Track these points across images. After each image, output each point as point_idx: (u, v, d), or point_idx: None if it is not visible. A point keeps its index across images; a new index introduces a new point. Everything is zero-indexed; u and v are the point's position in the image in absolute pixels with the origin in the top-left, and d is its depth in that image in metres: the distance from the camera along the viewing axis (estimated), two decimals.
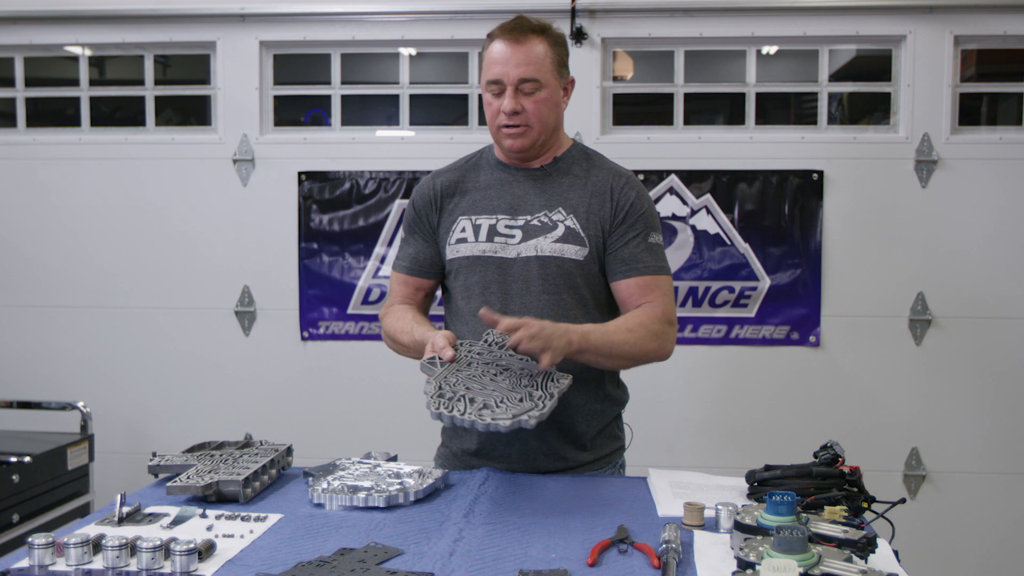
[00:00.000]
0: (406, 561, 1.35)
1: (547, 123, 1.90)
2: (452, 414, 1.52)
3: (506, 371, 1.68)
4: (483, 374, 1.67)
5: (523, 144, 1.90)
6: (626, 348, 1.81)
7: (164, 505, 1.59)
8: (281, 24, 3.39)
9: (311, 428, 3.33)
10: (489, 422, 1.51)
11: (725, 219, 3.30)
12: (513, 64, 1.85)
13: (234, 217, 3.44)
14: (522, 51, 1.86)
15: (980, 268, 3.26)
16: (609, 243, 1.92)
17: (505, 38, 1.87)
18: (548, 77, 1.88)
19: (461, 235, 1.95)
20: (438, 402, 1.55)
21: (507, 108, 1.86)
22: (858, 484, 1.56)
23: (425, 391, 1.61)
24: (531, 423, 1.53)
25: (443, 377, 1.63)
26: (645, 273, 1.89)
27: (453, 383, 1.62)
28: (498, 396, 1.59)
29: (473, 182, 1.99)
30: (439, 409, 1.53)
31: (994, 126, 3.37)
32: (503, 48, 1.87)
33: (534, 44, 1.87)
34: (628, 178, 1.96)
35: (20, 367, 3.51)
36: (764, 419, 3.33)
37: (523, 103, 1.86)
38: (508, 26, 1.89)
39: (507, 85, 1.86)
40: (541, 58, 1.86)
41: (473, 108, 3.41)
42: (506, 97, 1.86)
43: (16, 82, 3.55)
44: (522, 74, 1.85)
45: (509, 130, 1.88)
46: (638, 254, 1.90)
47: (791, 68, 3.51)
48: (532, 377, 1.68)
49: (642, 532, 1.47)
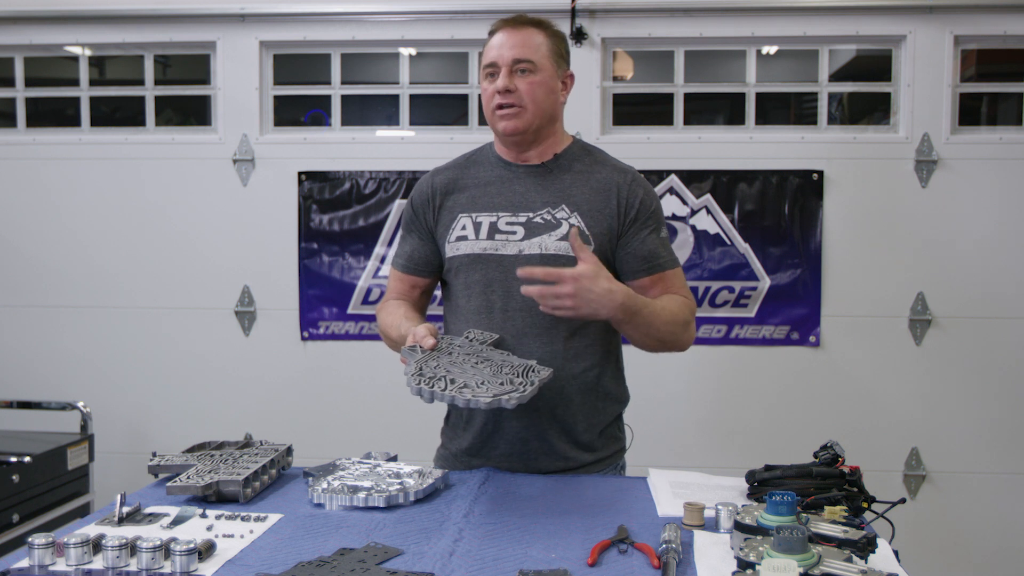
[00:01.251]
0: (406, 561, 1.35)
1: (541, 106, 1.90)
2: (432, 389, 1.52)
3: (487, 361, 1.70)
4: (464, 362, 1.67)
5: (516, 125, 1.89)
6: (664, 330, 1.85)
7: (164, 505, 1.59)
8: (281, 24, 3.39)
9: (311, 428, 3.33)
10: (469, 398, 1.51)
11: (725, 219, 3.30)
12: (508, 47, 1.88)
13: (234, 217, 3.44)
14: (518, 35, 1.89)
15: (980, 268, 3.26)
16: (622, 243, 1.92)
17: (503, 27, 1.92)
18: (543, 62, 1.90)
19: (461, 233, 1.94)
20: (418, 379, 1.55)
21: (499, 86, 1.87)
22: (858, 484, 1.56)
23: (405, 372, 1.61)
24: (511, 403, 1.52)
25: (424, 361, 1.64)
26: (666, 268, 1.93)
27: (434, 366, 1.62)
28: (479, 379, 1.59)
29: (473, 179, 1.99)
30: (419, 385, 1.53)
31: (994, 126, 3.37)
32: (500, 35, 1.91)
33: (531, 32, 1.90)
34: (633, 175, 1.96)
35: (20, 367, 3.51)
36: (764, 419, 3.33)
37: (516, 83, 1.88)
38: (507, 18, 1.94)
39: (501, 66, 1.88)
40: (537, 44, 1.90)
41: (473, 108, 3.41)
42: (500, 77, 1.88)
43: (16, 82, 3.55)
44: (516, 55, 1.87)
45: (502, 111, 1.89)
46: (655, 250, 1.92)
47: (791, 68, 3.51)
48: (513, 367, 1.69)
49: (642, 532, 1.47)
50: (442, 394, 1.52)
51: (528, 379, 1.63)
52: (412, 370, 1.59)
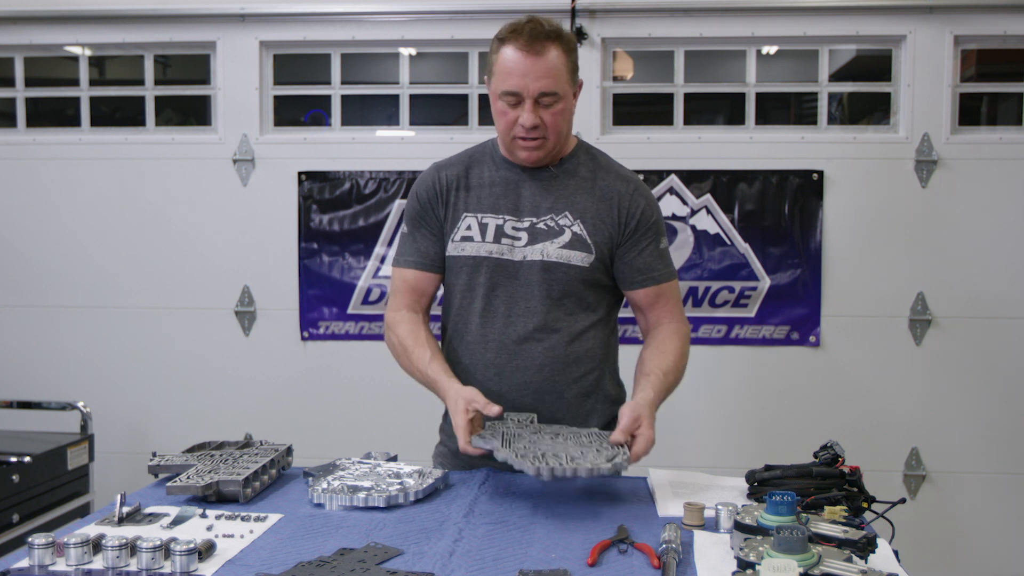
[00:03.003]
0: (406, 561, 1.35)
1: (562, 133, 1.89)
2: (552, 466, 1.52)
3: (555, 435, 1.72)
4: (540, 440, 1.69)
5: (540, 156, 1.88)
6: (675, 385, 1.94)
7: (164, 505, 1.59)
8: (281, 24, 3.39)
9: (311, 428, 3.33)
10: (591, 467, 1.52)
11: (725, 219, 3.30)
12: (533, 77, 1.78)
13: (234, 217, 3.44)
14: (541, 64, 1.79)
15: (980, 268, 3.26)
16: (620, 252, 1.92)
17: (521, 47, 1.79)
18: (565, 87, 1.83)
19: (467, 233, 1.93)
20: (534, 461, 1.54)
21: (527, 123, 1.81)
22: (858, 484, 1.56)
23: (498, 456, 1.61)
24: (625, 467, 1.57)
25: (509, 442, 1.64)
26: (660, 281, 1.94)
27: (522, 447, 1.63)
28: (575, 451, 1.61)
29: (477, 178, 1.96)
30: (537, 465, 1.53)
31: (994, 126, 3.37)
32: (520, 59, 1.79)
33: (551, 54, 1.80)
34: (636, 185, 1.95)
35: (20, 367, 3.51)
36: (764, 419, 3.33)
37: (542, 116, 1.82)
38: (522, 31, 1.80)
39: (526, 99, 1.81)
40: (559, 69, 1.81)
41: (473, 108, 3.41)
42: (525, 111, 1.81)
43: (16, 82, 3.55)
44: (542, 88, 1.80)
45: (526, 143, 1.85)
46: (652, 263, 1.93)
47: (791, 68, 3.51)
48: (579, 435, 1.74)
49: (642, 532, 1.47)
50: (562, 468, 1.52)
51: (601, 441, 1.68)
52: (510, 454, 1.58)
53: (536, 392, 1.90)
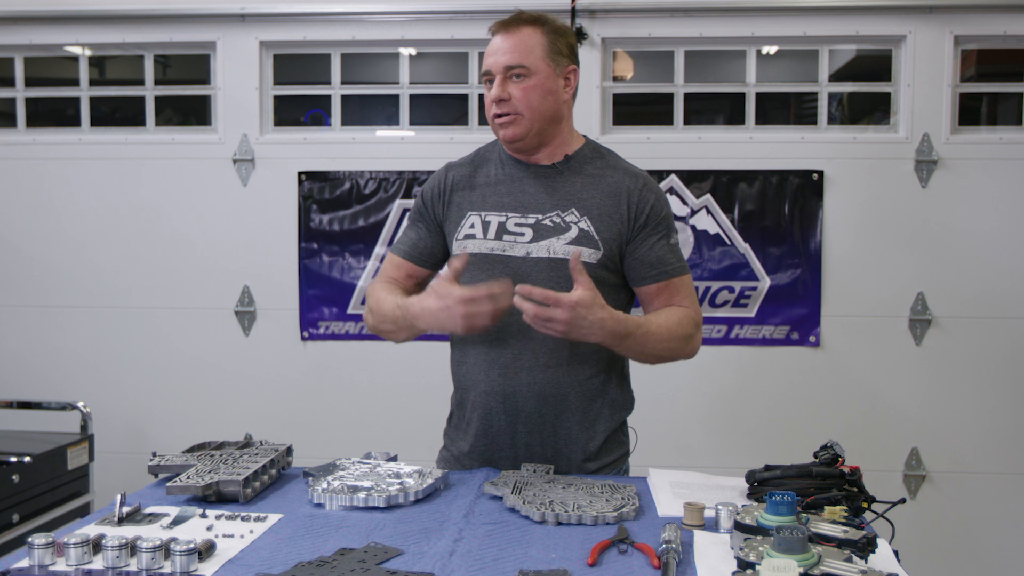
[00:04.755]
0: (406, 561, 1.35)
1: (539, 111, 1.88)
2: (556, 513, 1.53)
3: (569, 484, 1.70)
4: (551, 489, 1.67)
5: (514, 133, 1.89)
6: (659, 347, 1.85)
7: (164, 505, 1.59)
8: (281, 24, 3.39)
9: (311, 428, 3.33)
10: (596, 514, 1.52)
11: (725, 219, 3.30)
12: (501, 52, 1.87)
13: (234, 217, 3.44)
14: (511, 39, 1.87)
15: (980, 268, 3.26)
16: (631, 248, 1.91)
17: (498, 30, 1.90)
18: (538, 64, 1.87)
19: (469, 231, 1.93)
20: (540, 508, 1.54)
21: (493, 95, 1.87)
22: (858, 484, 1.56)
23: (507, 502, 1.60)
24: (632, 515, 1.55)
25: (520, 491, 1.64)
26: (673, 275, 1.91)
27: (532, 495, 1.62)
28: (582, 499, 1.60)
29: (483, 176, 1.97)
30: (543, 510, 1.53)
31: (994, 126, 3.38)
32: (496, 40, 1.90)
33: (524, 33, 1.88)
34: (645, 180, 1.94)
35: (20, 367, 3.51)
36: (764, 419, 3.33)
37: (511, 90, 1.86)
38: (503, 19, 1.91)
39: (496, 74, 1.87)
40: (530, 46, 1.87)
41: (473, 108, 3.41)
42: (494, 85, 1.88)
43: (16, 82, 3.55)
44: (507, 61, 1.86)
45: (499, 119, 1.89)
46: (664, 256, 1.91)
47: (791, 68, 3.51)
48: (590, 485, 1.71)
49: (642, 532, 1.47)
50: (567, 515, 1.52)
51: (612, 491, 1.66)
52: (517, 501, 1.58)
53: (540, 394, 1.88)
